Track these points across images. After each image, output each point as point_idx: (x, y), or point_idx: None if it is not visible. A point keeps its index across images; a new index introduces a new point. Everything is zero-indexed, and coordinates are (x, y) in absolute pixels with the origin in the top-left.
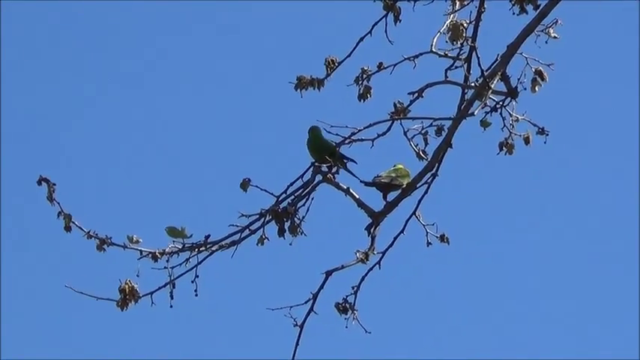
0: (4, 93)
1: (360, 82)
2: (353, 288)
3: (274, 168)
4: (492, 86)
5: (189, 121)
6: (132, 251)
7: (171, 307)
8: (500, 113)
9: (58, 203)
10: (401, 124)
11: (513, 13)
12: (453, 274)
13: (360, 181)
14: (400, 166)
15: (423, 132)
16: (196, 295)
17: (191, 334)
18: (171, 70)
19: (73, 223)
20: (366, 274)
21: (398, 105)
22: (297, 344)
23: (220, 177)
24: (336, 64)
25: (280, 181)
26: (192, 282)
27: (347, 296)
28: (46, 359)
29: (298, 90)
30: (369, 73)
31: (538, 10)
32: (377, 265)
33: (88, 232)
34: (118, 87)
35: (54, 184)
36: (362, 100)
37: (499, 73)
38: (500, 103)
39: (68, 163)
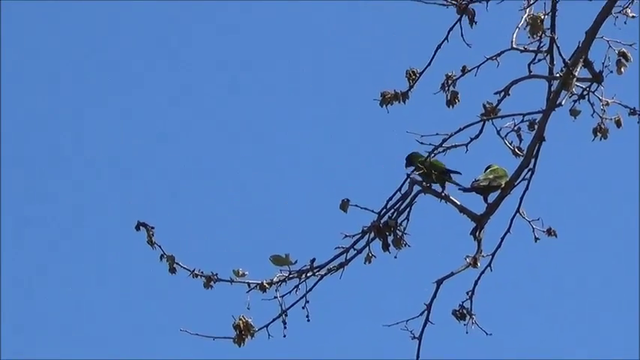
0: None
1: (447, 88)
2: (467, 293)
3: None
4: (576, 74)
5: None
6: (239, 285)
7: (284, 336)
8: (588, 100)
9: (159, 246)
10: (492, 123)
11: None
12: (564, 267)
13: (459, 189)
14: (495, 166)
15: (515, 129)
16: (308, 320)
17: None
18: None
19: (177, 263)
20: (478, 278)
21: (487, 105)
22: (417, 357)
23: (317, 199)
24: (418, 75)
25: (376, 199)
26: (303, 308)
27: (463, 302)
28: None
29: (384, 106)
30: (454, 77)
31: None
32: (488, 268)
33: (193, 271)
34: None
35: (152, 228)
36: (451, 106)
37: (581, 60)
38: (587, 89)
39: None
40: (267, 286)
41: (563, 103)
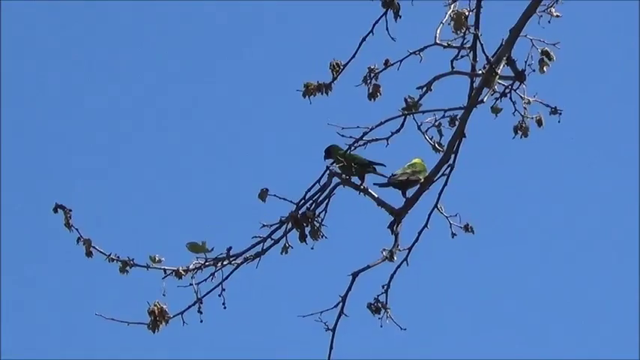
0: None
1: (369, 82)
2: (383, 287)
3: (288, 176)
4: (499, 72)
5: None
6: (155, 271)
7: (201, 321)
8: (510, 98)
9: (77, 229)
10: (414, 118)
11: None
12: (481, 263)
13: (375, 183)
14: (416, 160)
15: (436, 124)
16: (224, 307)
17: (222, 347)
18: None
19: (94, 247)
20: (394, 272)
21: (409, 100)
22: (331, 348)
23: (236, 188)
24: (342, 67)
25: (296, 190)
26: (220, 295)
27: (378, 296)
28: None
29: (306, 97)
30: (377, 71)
31: None
32: (404, 262)
33: (109, 255)
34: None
35: (70, 210)
36: (372, 99)
37: (504, 58)
38: (509, 87)
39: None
40: (183, 273)
41: (485, 100)
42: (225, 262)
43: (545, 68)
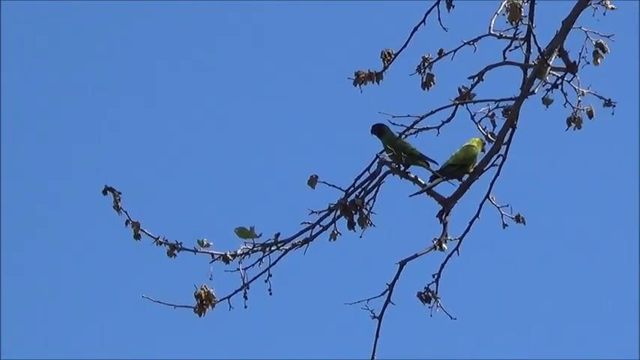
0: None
1: (423, 71)
2: (433, 276)
3: (340, 164)
4: (550, 63)
5: (253, 120)
6: (203, 255)
7: (245, 307)
8: (562, 89)
9: (126, 212)
10: (467, 108)
11: None
12: (531, 254)
13: (410, 195)
14: (472, 142)
15: (489, 114)
16: (270, 294)
17: (269, 333)
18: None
19: (142, 230)
20: (445, 261)
21: (462, 89)
22: (376, 336)
23: (286, 174)
24: (393, 56)
25: (348, 177)
26: (266, 281)
27: (428, 285)
28: None
29: (357, 85)
30: (430, 60)
31: None
32: (455, 252)
33: (157, 238)
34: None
35: (119, 193)
36: (426, 89)
37: (556, 50)
38: (561, 78)
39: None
40: (230, 257)
41: (536, 91)
42: (272, 248)
43: (599, 60)
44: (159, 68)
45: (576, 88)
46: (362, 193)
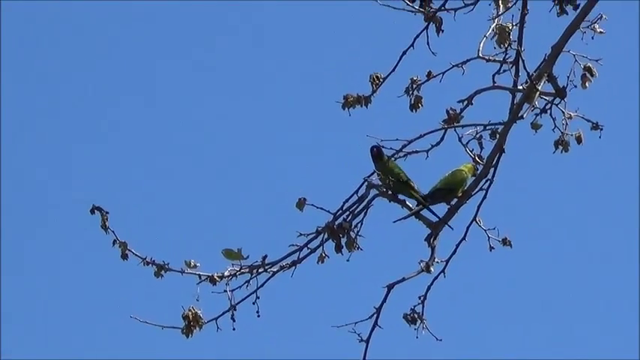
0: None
1: (411, 93)
2: (420, 298)
3: (326, 186)
4: (540, 88)
5: (240, 141)
6: (190, 276)
7: (234, 329)
8: (550, 114)
9: (113, 232)
10: (455, 130)
11: (557, 15)
12: (518, 277)
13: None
14: (462, 167)
15: (477, 137)
16: (258, 316)
17: (256, 355)
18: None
19: (130, 250)
20: (431, 283)
21: (451, 112)
22: (364, 359)
23: (274, 197)
24: (381, 80)
25: (334, 200)
26: (254, 303)
27: (414, 306)
28: None
29: (345, 109)
30: (419, 82)
31: (579, 9)
32: (442, 274)
33: (145, 258)
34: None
35: (107, 212)
36: (414, 110)
37: (545, 75)
38: (550, 103)
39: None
40: (217, 279)
41: (524, 116)
42: (260, 270)
43: (587, 84)
44: (159, 68)
45: (563, 111)
46: (350, 217)
